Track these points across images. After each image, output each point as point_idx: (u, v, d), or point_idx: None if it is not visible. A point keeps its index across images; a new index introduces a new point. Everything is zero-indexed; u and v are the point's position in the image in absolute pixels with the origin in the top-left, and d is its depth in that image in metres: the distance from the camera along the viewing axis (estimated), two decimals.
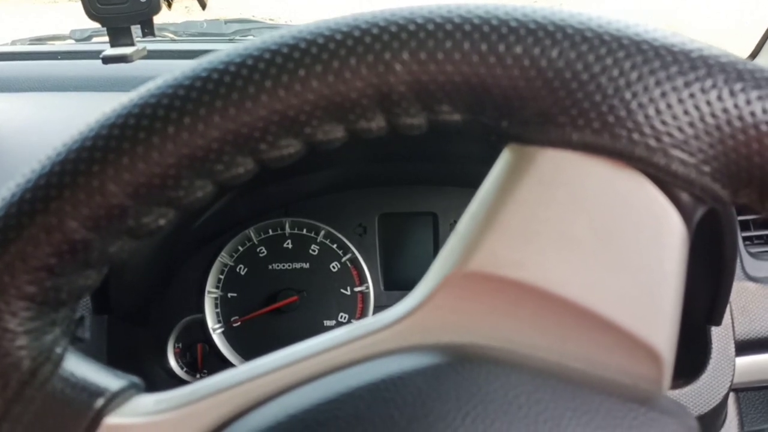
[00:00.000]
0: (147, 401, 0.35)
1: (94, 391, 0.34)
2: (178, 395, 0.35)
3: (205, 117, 0.31)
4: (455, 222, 1.13)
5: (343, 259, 1.13)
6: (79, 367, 0.35)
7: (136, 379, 0.36)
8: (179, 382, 1.10)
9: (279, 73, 0.31)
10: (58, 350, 0.34)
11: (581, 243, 0.33)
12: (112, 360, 0.94)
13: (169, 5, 0.98)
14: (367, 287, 1.12)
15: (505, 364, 0.33)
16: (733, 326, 0.89)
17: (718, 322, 0.84)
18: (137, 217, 0.33)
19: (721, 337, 0.88)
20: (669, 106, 0.30)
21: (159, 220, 0.33)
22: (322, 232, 1.13)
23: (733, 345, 0.88)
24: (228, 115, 0.31)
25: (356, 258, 1.12)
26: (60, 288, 0.33)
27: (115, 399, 0.34)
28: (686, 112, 0.30)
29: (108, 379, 0.35)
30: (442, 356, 0.33)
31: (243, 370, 0.35)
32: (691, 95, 0.30)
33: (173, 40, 1.73)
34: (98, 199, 0.32)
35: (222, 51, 0.33)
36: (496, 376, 0.32)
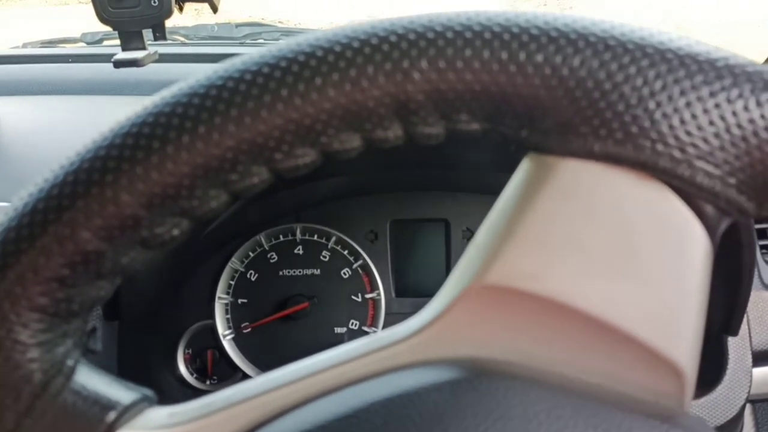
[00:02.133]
0: (160, 414, 0.35)
1: (106, 405, 0.33)
2: (191, 408, 0.35)
3: (220, 126, 0.31)
4: (467, 229, 1.13)
5: (354, 266, 1.12)
6: (90, 379, 0.34)
7: (148, 391, 0.36)
8: (189, 388, 1.10)
9: (295, 81, 0.31)
10: (70, 362, 0.34)
11: (602, 256, 0.32)
12: (122, 366, 0.94)
13: (181, 9, 0.97)
14: (378, 294, 1.12)
15: (524, 380, 0.32)
16: (750, 336, 0.88)
17: (734, 333, 0.83)
18: (150, 228, 0.32)
19: (737, 347, 0.87)
20: (694, 116, 0.30)
21: (173, 231, 0.33)
22: (333, 239, 1.12)
23: (750, 355, 0.87)
24: (243, 124, 0.31)
25: (367, 264, 1.12)
26: (72, 299, 0.33)
27: (127, 412, 0.34)
28: (711, 123, 0.30)
29: (120, 392, 0.34)
30: (459, 371, 0.33)
31: (258, 382, 0.35)
32: (717, 105, 0.30)
33: (184, 44, 1.74)
34: (111, 210, 0.31)
35: (237, 59, 0.33)
36: (515, 391, 0.31)
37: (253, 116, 0.31)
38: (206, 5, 1.01)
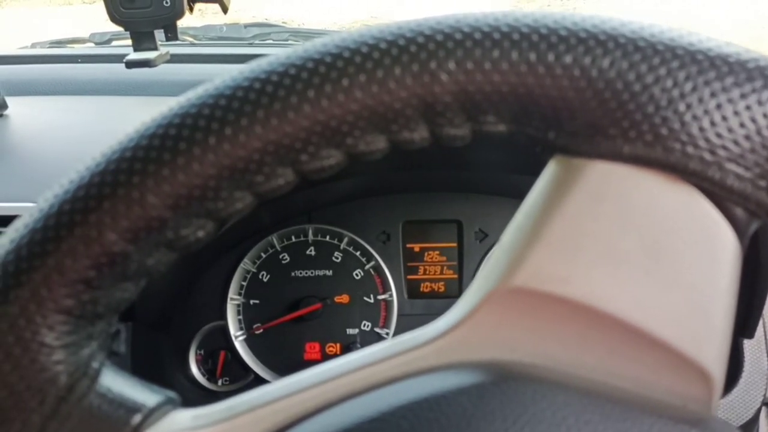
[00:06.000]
0: (184, 417, 0.35)
1: (131, 407, 0.33)
2: (216, 411, 0.35)
3: (247, 127, 0.31)
4: (480, 230, 1.12)
5: (367, 267, 1.12)
6: (115, 382, 0.34)
7: (172, 393, 0.35)
8: (200, 389, 1.10)
9: (322, 82, 0.31)
10: (95, 365, 0.34)
11: (631, 259, 0.32)
12: (135, 366, 0.94)
13: (191, 9, 0.97)
14: (391, 295, 1.12)
15: (552, 383, 0.32)
16: (766, 339, 0.88)
17: (750, 335, 0.83)
18: (176, 229, 0.32)
19: (753, 350, 0.86)
20: (724, 118, 0.30)
21: (198, 232, 0.33)
22: (346, 239, 1.12)
23: (766, 359, 0.87)
24: (270, 125, 0.31)
25: (380, 265, 1.12)
26: (97, 301, 0.33)
27: (152, 415, 0.34)
28: (742, 125, 0.30)
29: (145, 395, 0.34)
30: (486, 374, 0.32)
31: (282, 385, 0.35)
32: (748, 107, 0.29)
33: (193, 44, 1.74)
34: (138, 211, 0.31)
35: (263, 60, 0.32)
36: (543, 395, 0.31)
37: (280, 118, 0.31)
38: (210, 5, 1.01)
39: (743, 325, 0.81)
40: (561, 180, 0.33)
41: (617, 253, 0.32)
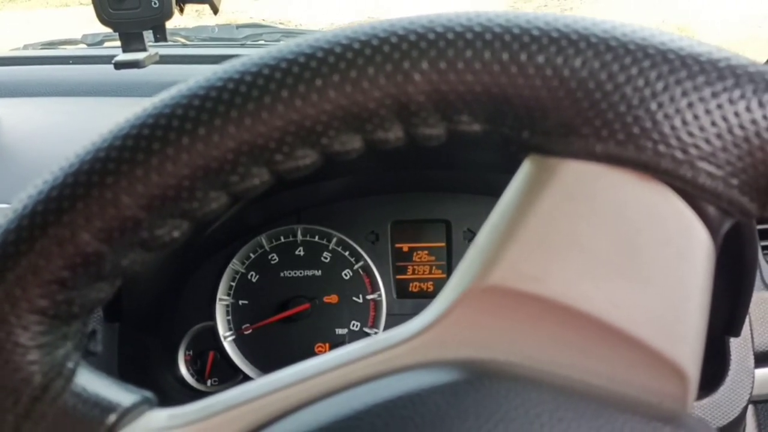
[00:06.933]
0: (160, 416, 0.35)
1: (106, 407, 0.33)
2: (191, 410, 0.35)
3: (221, 127, 0.31)
4: (468, 229, 1.12)
5: (355, 267, 1.12)
6: (91, 381, 0.34)
7: (148, 393, 0.35)
8: (189, 389, 1.10)
9: (296, 82, 0.31)
10: (70, 365, 0.34)
11: (605, 257, 0.32)
12: (123, 367, 0.94)
13: (181, 10, 0.97)
14: (380, 295, 1.12)
15: (526, 381, 0.32)
16: (752, 337, 0.88)
17: (737, 333, 0.83)
18: (151, 229, 0.32)
19: (740, 348, 0.86)
20: (696, 117, 0.30)
21: (173, 232, 0.33)
22: (334, 239, 1.12)
23: (752, 356, 0.87)
24: (243, 125, 0.31)
25: (368, 265, 1.12)
26: (72, 301, 0.33)
27: (127, 414, 0.34)
28: (714, 124, 0.30)
29: (120, 394, 0.34)
30: (461, 373, 0.32)
31: (258, 385, 0.35)
32: (719, 106, 0.30)
33: (185, 45, 1.74)
34: (111, 212, 0.31)
35: (237, 60, 0.32)
36: (517, 393, 0.31)
37: (254, 118, 0.31)
38: (207, 6, 1.00)
39: (729, 324, 0.81)
40: (535, 179, 0.33)
41: (591, 251, 0.32)
